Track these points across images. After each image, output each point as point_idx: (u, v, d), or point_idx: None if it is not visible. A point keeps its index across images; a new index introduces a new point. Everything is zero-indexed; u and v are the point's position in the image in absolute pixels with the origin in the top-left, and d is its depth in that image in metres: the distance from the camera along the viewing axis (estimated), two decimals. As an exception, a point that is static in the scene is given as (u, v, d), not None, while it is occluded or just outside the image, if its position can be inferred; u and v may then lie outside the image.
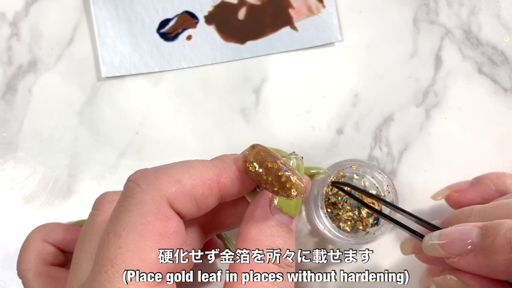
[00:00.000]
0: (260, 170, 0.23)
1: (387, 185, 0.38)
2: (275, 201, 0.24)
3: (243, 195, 0.26)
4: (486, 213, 0.28)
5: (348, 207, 0.38)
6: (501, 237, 0.23)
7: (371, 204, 0.38)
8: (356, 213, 0.38)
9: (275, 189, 0.22)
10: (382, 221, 0.38)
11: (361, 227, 0.38)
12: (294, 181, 0.22)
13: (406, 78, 0.41)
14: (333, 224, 0.37)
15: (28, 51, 0.41)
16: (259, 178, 0.23)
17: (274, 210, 0.24)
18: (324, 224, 0.37)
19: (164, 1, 0.41)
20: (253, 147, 0.24)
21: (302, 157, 0.26)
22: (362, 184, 0.39)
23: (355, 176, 0.39)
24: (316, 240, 0.40)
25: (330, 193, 0.38)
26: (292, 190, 0.22)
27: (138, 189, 0.22)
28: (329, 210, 0.38)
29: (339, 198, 0.38)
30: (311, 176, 0.28)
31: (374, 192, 0.39)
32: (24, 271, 0.31)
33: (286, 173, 0.22)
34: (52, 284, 0.31)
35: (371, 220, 0.38)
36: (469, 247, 0.25)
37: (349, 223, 0.38)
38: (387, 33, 0.42)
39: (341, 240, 0.37)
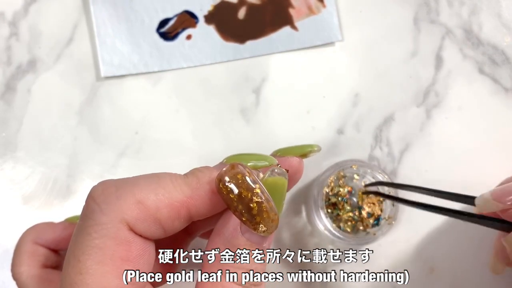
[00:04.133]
0: (231, 196, 0.20)
1: (388, 185, 0.38)
2: None
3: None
4: None
5: (348, 208, 0.38)
6: None
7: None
8: (357, 213, 0.38)
9: (243, 219, 0.21)
10: (382, 221, 0.38)
11: (361, 228, 0.38)
12: (265, 217, 0.20)
13: (406, 77, 0.41)
14: (334, 225, 0.37)
15: (27, 51, 0.41)
16: (229, 203, 0.21)
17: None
18: (325, 224, 0.37)
19: (163, 0, 0.41)
20: (232, 166, 0.21)
21: (287, 171, 0.23)
22: (363, 184, 0.39)
23: (355, 176, 0.39)
24: (316, 241, 0.39)
25: (330, 193, 0.38)
26: (261, 226, 0.20)
27: (96, 209, 0.21)
28: (329, 210, 0.38)
29: (339, 198, 0.38)
30: (305, 154, 0.26)
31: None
32: (17, 275, 0.31)
33: (261, 205, 0.20)
34: (45, 287, 0.31)
35: (371, 221, 0.38)
36: None
37: (349, 223, 0.38)
38: (388, 32, 0.42)
39: (341, 241, 0.37)
